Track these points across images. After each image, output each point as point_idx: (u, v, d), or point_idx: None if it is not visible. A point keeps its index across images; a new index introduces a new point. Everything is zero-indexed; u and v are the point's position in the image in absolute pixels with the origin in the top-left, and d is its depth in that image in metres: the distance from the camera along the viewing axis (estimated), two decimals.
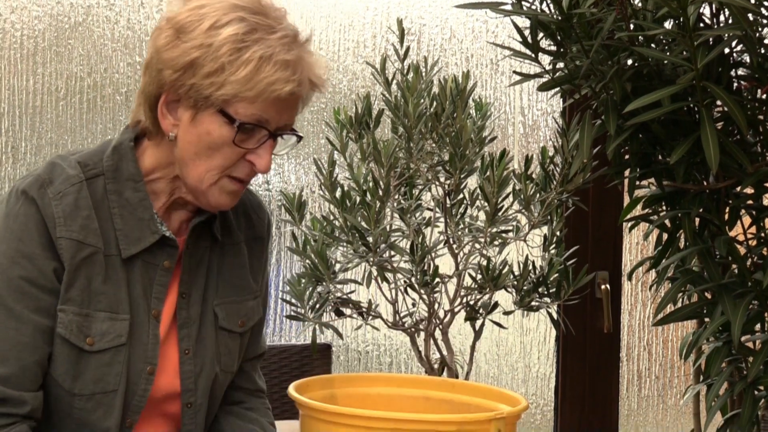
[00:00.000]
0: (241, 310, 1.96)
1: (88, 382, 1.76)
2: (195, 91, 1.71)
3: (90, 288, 1.75)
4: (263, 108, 1.72)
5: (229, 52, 1.68)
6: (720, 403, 2.89)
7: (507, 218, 3.03)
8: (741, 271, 2.83)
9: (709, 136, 2.58)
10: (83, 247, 1.74)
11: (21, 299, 1.72)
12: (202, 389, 1.90)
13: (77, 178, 1.77)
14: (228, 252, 1.95)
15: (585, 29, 2.71)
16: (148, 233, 1.80)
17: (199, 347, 1.89)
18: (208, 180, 1.76)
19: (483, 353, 3.60)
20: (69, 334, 1.73)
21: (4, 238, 1.73)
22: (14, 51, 3.59)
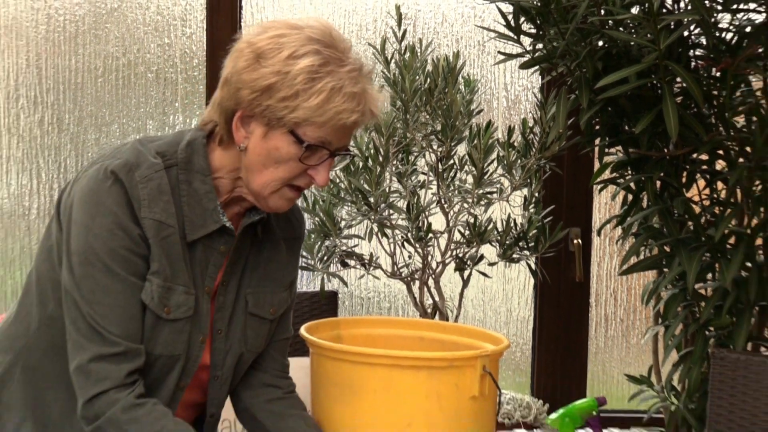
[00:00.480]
0: (274, 299, 1.95)
1: (158, 345, 1.77)
2: (270, 112, 1.70)
3: (170, 264, 1.76)
4: (329, 132, 1.72)
5: (304, 80, 1.67)
6: (675, 342, 2.91)
7: (492, 181, 3.03)
8: (696, 227, 2.85)
9: (669, 109, 2.59)
10: (164, 227, 1.74)
11: (124, 266, 1.72)
12: (228, 365, 1.91)
13: (159, 165, 1.76)
14: (266, 248, 1.94)
15: (561, 14, 2.70)
16: (210, 222, 1.80)
17: (230, 329, 1.89)
18: (271, 188, 1.77)
19: (470, 299, 3.61)
20: (150, 302, 1.74)
21: (99, 212, 1.72)
22: (58, 34, 3.59)
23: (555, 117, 2.91)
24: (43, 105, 3.61)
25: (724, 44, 2.79)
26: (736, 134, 2.79)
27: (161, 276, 1.74)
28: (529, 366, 3.72)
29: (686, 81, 2.59)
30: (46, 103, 3.61)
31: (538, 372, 3.69)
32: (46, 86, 3.61)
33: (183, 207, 1.77)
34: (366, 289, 3.69)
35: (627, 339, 3.78)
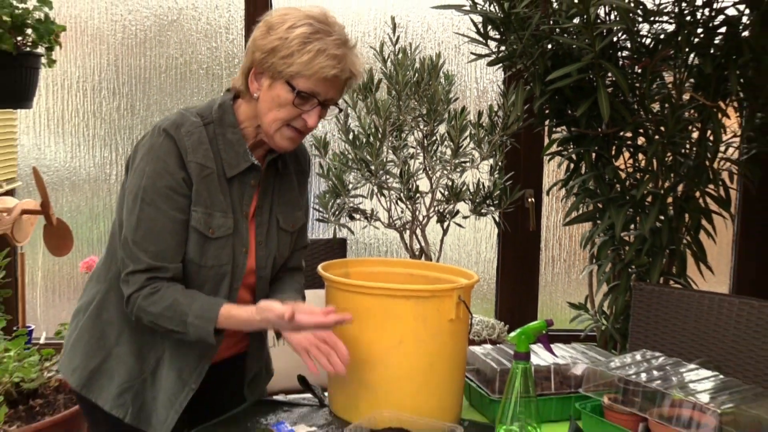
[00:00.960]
0: (293, 217, 2.01)
1: (210, 258, 1.83)
2: (273, 67, 1.78)
3: (210, 196, 1.82)
4: (316, 84, 1.77)
5: (298, 44, 1.75)
6: (605, 277, 2.92)
7: (465, 153, 3.02)
8: (622, 189, 2.85)
9: (602, 97, 2.58)
10: (205, 168, 1.81)
11: (166, 201, 1.78)
12: (269, 267, 1.97)
13: (199, 123, 1.83)
14: (284, 180, 2.00)
15: (519, 23, 2.68)
16: (242, 162, 1.86)
17: (268, 240, 1.95)
18: (275, 127, 1.82)
19: (448, 244, 3.61)
20: (199, 226, 1.81)
21: (151, 160, 1.79)
22: (130, 40, 3.57)
23: (514, 103, 2.90)
24: (119, 95, 3.60)
25: (644, 47, 2.78)
26: (653, 117, 2.78)
27: (203, 206, 1.81)
28: (493, 296, 3.73)
29: (615, 76, 2.58)
30: (122, 93, 3.60)
31: (501, 300, 3.70)
32: (121, 80, 3.59)
33: (221, 153, 1.84)
34: (368, 237, 3.69)
35: (569, 275, 3.78)
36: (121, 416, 1.89)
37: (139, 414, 1.90)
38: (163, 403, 1.90)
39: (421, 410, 1.82)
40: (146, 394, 1.91)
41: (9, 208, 3.17)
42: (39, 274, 3.67)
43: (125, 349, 1.90)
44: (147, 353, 1.90)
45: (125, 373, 1.90)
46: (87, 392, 1.92)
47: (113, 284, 1.91)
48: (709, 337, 2.17)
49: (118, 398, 1.89)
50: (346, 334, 1.90)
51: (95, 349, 1.92)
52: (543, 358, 2.10)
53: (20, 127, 3.58)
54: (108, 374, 1.91)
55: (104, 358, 1.91)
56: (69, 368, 1.95)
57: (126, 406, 1.89)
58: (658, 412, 1.78)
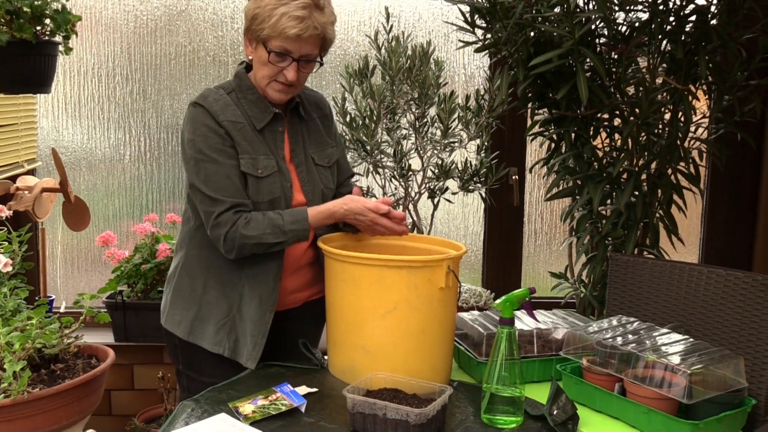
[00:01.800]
0: (326, 153, 2.18)
1: (265, 194, 2.02)
2: (254, 33, 1.98)
3: (250, 145, 2.01)
4: (285, 42, 1.95)
5: (268, 10, 1.94)
6: (584, 248, 2.92)
7: (454, 134, 3.01)
8: (599, 166, 2.84)
9: (581, 81, 2.56)
10: (237, 124, 2.00)
11: (219, 154, 1.98)
12: (317, 199, 2.12)
13: (222, 92, 2.05)
14: (309, 124, 2.18)
15: (504, 12, 2.66)
16: (267, 114, 2.06)
17: (309, 176, 2.12)
18: (264, 83, 2.03)
19: (439, 218, 3.60)
20: (249, 169, 2.00)
21: (194, 129, 1.99)
22: (142, 29, 3.53)
23: (499, 88, 2.88)
24: (132, 80, 3.57)
25: (620, 35, 2.76)
26: (628, 100, 2.77)
27: (247, 153, 2.00)
28: (480, 266, 3.73)
29: (593, 61, 2.56)
30: (135, 78, 3.57)
31: (487, 270, 3.70)
32: (134, 66, 3.56)
33: (246, 111, 2.04)
34: None
35: (550, 246, 3.78)
36: (221, 351, 2.06)
37: (234, 347, 2.06)
38: (251, 331, 2.05)
39: (413, 372, 1.83)
40: (237, 328, 2.06)
41: (30, 187, 3.16)
42: (58, 248, 3.66)
43: (212, 294, 2.08)
44: (230, 292, 2.06)
45: (217, 313, 2.07)
46: (193, 338, 2.09)
47: (191, 245, 2.12)
48: (680, 303, 2.17)
49: (216, 336, 2.06)
50: (344, 301, 1.90)
51: (189, 302, 2.11)
52: (526, 324, 2.10)
53: (40, 111, 3.55)
54: (205, 319, 2.08)
55: (199, 307, 2.09)
56: (174, 322, 2.13)
57: (223, 343, 2.06)
58: (633, 373, 1.78)
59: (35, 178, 3.31)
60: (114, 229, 3.58)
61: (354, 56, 3.54)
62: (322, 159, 2.16)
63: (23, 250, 2.94)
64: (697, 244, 3.74)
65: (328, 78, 3.59)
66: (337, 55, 3.58)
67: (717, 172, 3.54)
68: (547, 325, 2.11)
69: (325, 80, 3.59)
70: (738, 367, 1.79)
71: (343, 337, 1.92)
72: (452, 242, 2.06)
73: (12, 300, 2.78)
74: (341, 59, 3.55)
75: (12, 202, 3.10)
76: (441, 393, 1.72)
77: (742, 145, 3.19)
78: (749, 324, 1.98)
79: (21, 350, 2.56)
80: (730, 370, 1.77)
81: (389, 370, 1.82)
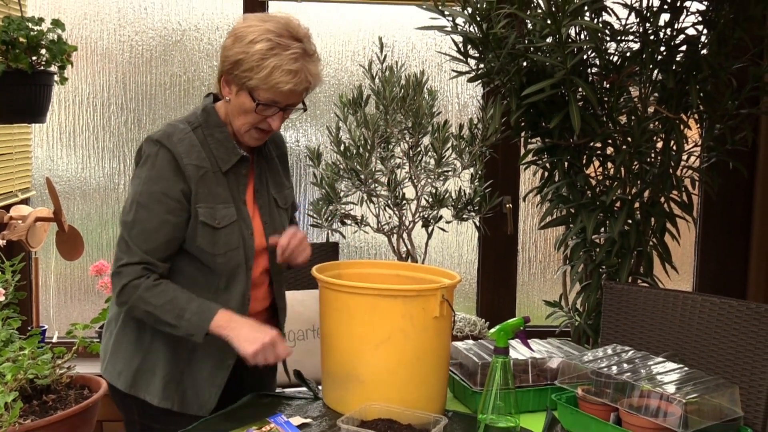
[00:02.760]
0: (284, 195, 2.07)
1: (221, 245, 1.86)
2: (238, 78, 1.81)
3: (210, 192, 1.85)
4: (274, 95, 1.81)
5: (257, 59, 1.78)
6: (578, 277, 2.92)
7: (448, 163, 3.01)
8: (593, 195, 2.84)
9: (574, 110, 2.57)
10: (200, 168, 1.84)
11: (159, 204, 1.82)
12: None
13: (188, 129, 1.87)
14: (270, 164, 2.05)
15: (497, 43, 2.68)
16: (233, 156, 1.90)
17: (272, 219, 2.00)
18: (243, 129, 1.88)
19: (433, 247, 3.60)
20: (206, 219, 1.84)
21: (147, 168, 1.83)
22: (137, 58, 3.55)
23: (492, 117, 2.89)
24: (127, 110, 3.58)
25: (612, 64, 2.78)
26: (621, 128, 2.78)
27: (205, 202, 1.84)
28: (475, 294, 3.72)
29: (586, 90, 2.57)
30: (129, 108, 3.58)
31: (481, 299, 3.69)
32: (129, 96, 3.57)
33: (212, 151, 1.88)
34: (359, 241, 3.68)
35: (544, 275, 3.78)
36: (170, 406, 1.92)
37: (184, 400, 1.92)
38: (204, 385, 1.93)
39: (408, 402, 1.81)
40: (186, 381, 1.93)
41: (24, 216, 3.15)
42: (52, 277, 3.64)
43: (160, 344, 1.92)
44: (181, 343, 1.91)
45: (165, 366, 1.92)
46: (135, 391, 1.93)
47: None
48: (675, 332, 2.16)
49: (164, 390, 1.91)
50: (338, 330, 1.88)
51: (134, 351, 1.94)
52: (521, 353, 2.09)
53: (34, 140, 3.55)
54: (150, 371, 1.92)
55: (144, 357, 1.93)
56: (114, 373, 1.97)
57: (172, 397, 1.91)
58: (628, 402, 1.77)
59: (29, 207, 3.30)
60: (108, 258, 3.56)
61: (348, 86, 3.56)
62: (282, 201, 2.05)
63: (16, 280, 2.92)
64: (691, 272, 3.75)
65: (323, 107, 3.61)
66: (331, 84, 3.60)
67: (709, 200, 3.56)
68: (542, 354, 2.10)
69: (320, 109, 3.61)
70: (733, 396, 1.78)
71: (337, 367, 1.91)
72: (446, 271, 2.05)
73: (4, 330, 2.76)
74: (335, 89, 3.57)
75: (5, 232, 3.09)
76: (436, 423, 1.70)
77: (734, 173, 3.21)
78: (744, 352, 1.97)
79: (13, 381, 2.54)
80: (725, 399, 1.76)
81: (384, 399, 1.80)
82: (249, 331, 1.81)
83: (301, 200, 3.67)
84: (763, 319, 2.00)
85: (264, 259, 1.99)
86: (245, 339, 1.80)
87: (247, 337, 1.80)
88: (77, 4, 3.51)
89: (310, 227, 3.14)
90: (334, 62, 3.59)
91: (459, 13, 2.72)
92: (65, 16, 3.46)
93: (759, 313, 1.98)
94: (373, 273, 2.14)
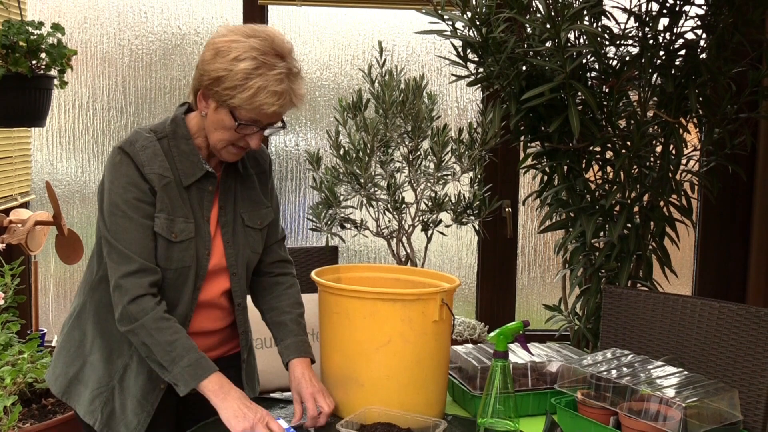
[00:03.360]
0: (258, 215, 1.96)
1: (174, 261, 1.79)
2: (218, 95, 1.73)
3: (171, 203, 1.78)
4: (256, 115, 1.73)
5: (240, 79, 1.69)
6: (578, 281, 2.91)
7: (447, 167, 3.02)
8: (592, 199, 2.84)
9: (573, 114, 2.58)
10: (163, 178, 1.77)
11: (136, 211, 1.75)
12: (241, 264, 1.92)
13: (152, 138, 1.80)
14: (245, 180, 1.95)
15: (496, 47, 2.68)
16: (198, 170, 1.82)
17: (235, 238, 1.91)
18: (221, 145, 1.79)
19: (432, 251, 3.60)
20: (162, 231, 1.77)
21: (116, 177, 1.76)
22: (137, 62, 3.55)
23: (492, 121, 2.90)
24: (126, 114, 3.59)
25: (611, 69, 2.78)
26: (620, 133, 2.79)
27: (165, 212, 1.77)
28: (474, 298, 3.72)
29: (585, 95, 2.58)
30: (129, 112, 3.59)
31: (481, 303, 3.69)
32: (129, 100, 3.58)
33: (176, 163, 1.80)
34: (358, 245, 3.68)
35: (543, 279, 3.78)
36: (92, 423, 1.85)
37: (108, 422, 1.84)
38: (133, 408, 1.84)
39: (407, 406, 1.81)
40: (115, 401, 1.85)
41: (23, 220, 3.15)
42: (51, 281, 3.64)
43: (97, 356, 1.86)
44: (116, 360, 1.85)
45: (96, 380, 1.86)
46: (67, 399, 1.90)
47: (89, 295, 1.89)
48: (674, 335, 2.16)
49: (90, 405, 1.85)
50: (338, 334, 1.88)
51: (74, 357, 1.89)
52: (520, 357, 2.09)
53: (34, 144, 3.55)
54: (84, 381, 1.87)
55: (81, 366, 1.88)
56: (52, 376, 1.93)
57: (96, 414, 1.84)
58: (628, 406, 1.77)
59: (28, 211, 3.30)
60: None
61: (347, 90, 3.57)
62: (254, 220, 1.94)
63: (15, 284, 2.92)
64: (690, 276, 3.75)
65: (322, 111, 3.61)
66: (330, 88, 3.60)
67: (709, 204, 3.56)
68: (541, 358, 2.10)
69: (319, 113, 3.61)
70: (733, 400, 1.78)
71: (337, 371, 1.91)
72: (446, 275, 2.05)
73: (3, 334, 2.76)
74: (335, 93, 3.57)
75: (5, 235, 3.09)
76: (435, 427, 1.70)
77: (733, 178, 3.21)
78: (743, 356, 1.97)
79: (12, 385, 2.53)
80: (725, 403, 1.76)
81: (383, 403, 1.80)
82: (240, 405, 1.71)
83: (301, 204, 3.66)
84: (763, 323, 2.00)
85: (223, 280, 1.91)
86: (234, 414, 1.69)
87: (236, 413, 1.69)
88: (77, 8, 3.51)
89: (309, 231, 3.13)
90: (333, 66, 3.59)
91: (458, 18, 2.72)
92: (65, 20, 3.47)
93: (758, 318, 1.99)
94: (373, 277, 2.14)
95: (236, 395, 1.73)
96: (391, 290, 1.88)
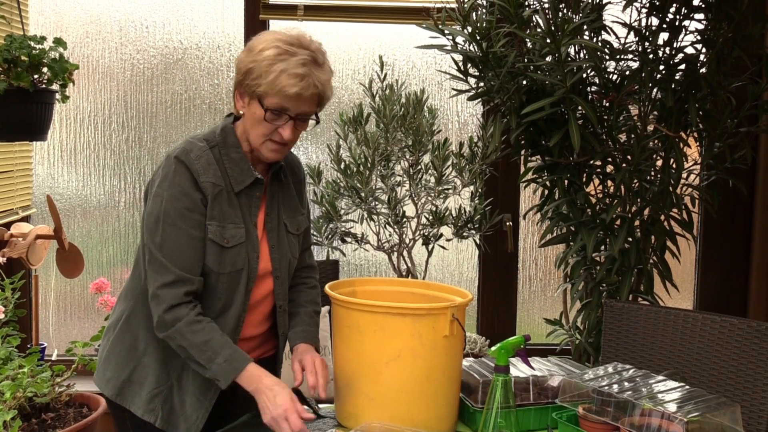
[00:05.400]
0: (297, 221, 2.06)
1: (227, 265, 1.87)
2: (249, 87, 1.83)
3: (222, 211, 1.86)
4: (283, 100, 1.81)
5: (265, 66, 1.80)
6: (579, 295, 2.91)
7: (448, 181, 3.02)
8: (593, 213, 2.85)
9: (573, 129, 2.58)
10: (216, 186, 1.85)
11: (184, 221, 1.82)
12: (284, 267, 2.01)
13: (205, 147, 1.88)
14: (285, 189, 2.05)
15: (497, 62, 2.69)
16: (247, 177, 1.91)
17: (279, 243, 2.00)
18: (259, 141, 1.88)
19: (433, 265, 3.60)
20: (215, 238, 1.85)
21: (168, 186, 1.83)
22: (139, 77, 3.56)
23: (492, 135, 2.91)
24: (128, 128, 3.59)
25: (611, 83, 2.79)
26: (620, 147, 2.79)
27: (217, 220, 1.85)
28: (475, 312, 3.71)
29: (585, 109, 2.58)
30: (130, 126, 3.59)
31: (482, 317, 3.69)
32: (130, 114, 3.58)
33: (227, 171, 1.89)
34: (359, 258, 3.68)
35: (544, 293, 3.77)
36: (152, 421, 1.92)
37: (168, 418, 1.93)
38: (192, 404, 1.92)
39: (417, 420, 1.81)
40: (174, 398, 1.93)
41: (24, 233, 3.15)
42: (52, 295, 3.64)
43: (152, 358, 1.93)
44: (172, 360, 1.92)
45: (153, 380, 1.93)
46: (121, 400, 1.95)
47: (139, 301, 1.94)
48: (676, 350, 2.16)
49: (149, 404, 1.92)
50: (349, 348, 1.89)
51: (126, 360, 1.95)
52: (522, 371, 2.09)
53: (35, 158, 3.56)
54: (138, 382, 1.94)
55: (134, 367, 1.94)
56: (103, 379, 1.98)
57: (156, 412, 1.92)
58: (630, 421, 1.77)
59: (29, 224, 3.31)
60: (108, 275, 3.57)
61: (348, 104, 3.58)
62: (293, 226, 2.04)
63: (16, 297, 2.92)
64: (692, 290, 3.75)
65: (323, 125, 3.62)
66: (331, 102, 3.58)
67: (710, 218, 3.56)
68: (542, 372, 2.10)
69: (320, 127, 3.62)
70: (735, 414, 1.78)
71: (348, 384, 1.91)
72: (459, 290, 2.05)
73: (3, 348, 2.75)
74: (336, 107, 3.59)
75: (6, 249, 3.09)
76: None
77: (733, 191, 3.21)
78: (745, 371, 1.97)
79: (12, 399, 2.53)
80: (726, 418, 1.76)
81: (393, 417, 1.80)
82: (264, 399, 1.78)
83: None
84: (765, 338, 2.00)
85: (268, 283, 1.99)
86: (262, 407, 1.78)
87: (262, 405, 1.78)
88: (79, 23, 3.53)
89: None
90: (334, 80, 3.56)
91: (459, 32, 2.74)
92: (67, 35, 3.48)
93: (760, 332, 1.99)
94: (388, 290, 2.15)
95: (267, 383, 1.79)
96: (400, 304, 1.89)
